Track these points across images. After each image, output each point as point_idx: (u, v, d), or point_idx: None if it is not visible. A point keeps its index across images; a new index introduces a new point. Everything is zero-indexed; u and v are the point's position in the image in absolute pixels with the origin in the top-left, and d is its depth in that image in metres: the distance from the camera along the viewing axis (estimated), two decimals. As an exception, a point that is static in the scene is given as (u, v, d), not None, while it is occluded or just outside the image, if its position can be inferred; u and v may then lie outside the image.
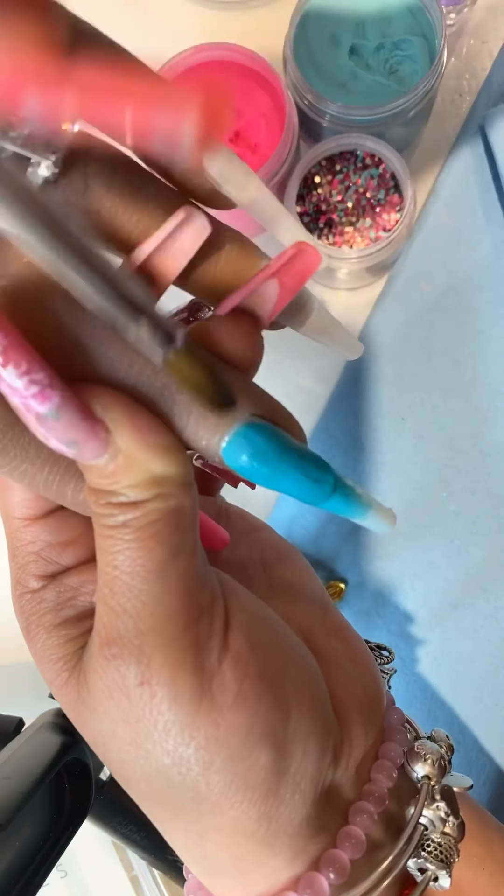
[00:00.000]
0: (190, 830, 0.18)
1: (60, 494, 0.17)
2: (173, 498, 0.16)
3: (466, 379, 0.46)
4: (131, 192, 0.16)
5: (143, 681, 0.16)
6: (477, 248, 0.45)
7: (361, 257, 0.41)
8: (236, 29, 0.48)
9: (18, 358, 0.13)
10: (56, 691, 0.18)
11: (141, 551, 0.16)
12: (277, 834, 0.18)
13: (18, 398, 0.13)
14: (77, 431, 0.14)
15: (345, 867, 0.18)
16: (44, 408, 0.13)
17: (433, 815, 0.20)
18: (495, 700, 0.46)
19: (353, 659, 0.22)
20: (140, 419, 0.15)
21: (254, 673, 0.17)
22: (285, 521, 0.49)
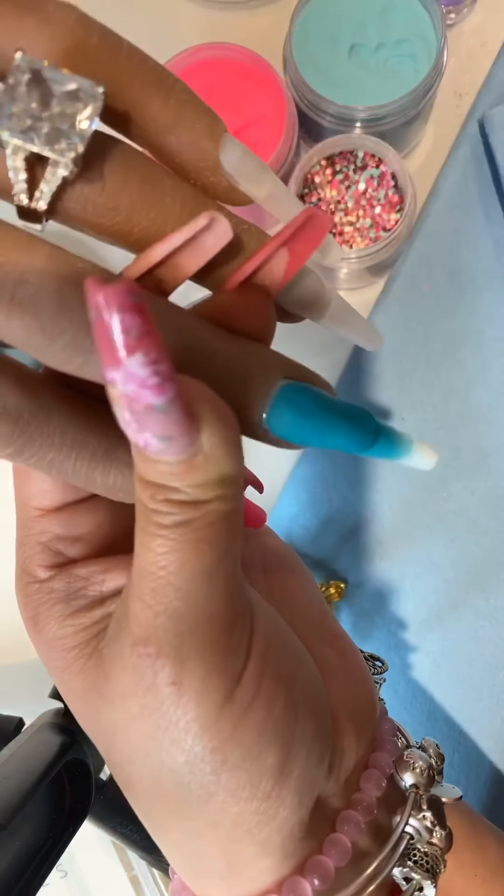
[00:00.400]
0: (186, 829, 0.18)
1: (89, 480, 0.17)
2: (232, 500, 0.15)
3: (466, 379, 0.46)
4: (149, 189, 0.16)
5: (174, 680, 0.16)
6: (477, 248, 0.45)
7: (361, 257, 0.41)
8: (236, 29, 0.48)
9: (150, 346, 0.12)
10: (67, 678, 0.18)
11: (192, 553, 0.15)
12: (272, 834, 0.18)
13: (134, 386, 0.12)
14: (177, 427, 0.13)
15: (329, 874, 0.18)
16: (157, 400, 0.12)
17: (419, 825, 0.20)
18: (495, 700, 0.46)
19: (347, 670, 0.22)
20: (226, 415, 0.15)
21: (271, 673, 0.17)
22: (285, 520, 0.49)
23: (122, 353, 0.12)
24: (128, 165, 0.16)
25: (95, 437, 0.16)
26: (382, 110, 0.39)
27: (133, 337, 0.12)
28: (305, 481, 0.48)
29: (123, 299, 0.11)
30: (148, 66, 0.16)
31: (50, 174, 0.15)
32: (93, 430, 0.16)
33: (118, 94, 0.16)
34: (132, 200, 0.16)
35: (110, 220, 0.16)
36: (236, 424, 0.15)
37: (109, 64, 0.16)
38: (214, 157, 0.17)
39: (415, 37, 0.41)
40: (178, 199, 0.16)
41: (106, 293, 0.11)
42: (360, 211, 0.43)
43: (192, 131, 0.17)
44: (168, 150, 0.17)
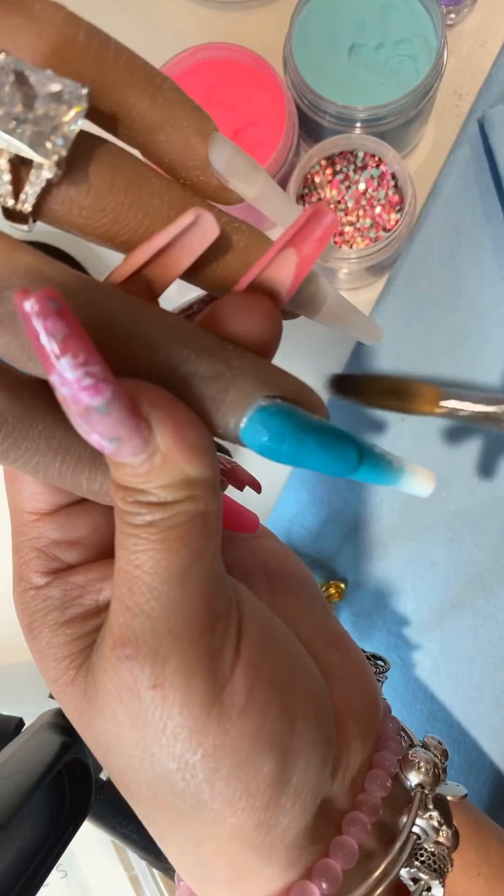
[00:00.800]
0: (187, 837, 0.17)
1: (75, 484, 0.17)
2: (202, 501, 0.15)
3: (466, 379, 0.46)
4: (136, 191, 0.16)
5: (155, 684, 0.16)
6: (477, 248, 0.45)
7: (361, 257, 0.41)
8: (236, 29, 0.48)
9: (77, 348, 0.12)
10: (60, 690, 0.18)
11: (165, 552, 0.15)
12: (274, 843, 0.17)
13: (69, 389, 0.12)
14: (123, 428, 0.14)
15: (337, 877, 0.18)
16: (94, 401, 0.13)
17: (426, 825, 0.20)
18: (495, 700, 0.46)
19: (351, 670, 0.22)
20: (181, 417, 0.15)
21: (263, 680, 0.17)
22: (285, 521, 0.49)
23: (52, 357, 0.12)
24: (114, 166, 0.16)
25: (81, 442, 0.16)
26: (382, 110, 0.39)
27: (59, 340, 0.12)
28: (305, 481, 0.48)
29: (43, 306, 0.12)
30: (136, 65, 0.16)
31: (34, 176, 0.15)
32: (79, 436, 0.16)
33: (105, 92, 0.16)
34: (119, 202, 0.16)
35: (97, 221, 0.16)
36: (198, 427, 0.15)
37: (96, 62, 0.15)
38: (203, 156, 0.17)
39: (415, 37, 0.41)
40: (165, 200, 0.16)
41: (28, 302, 0.11)
42: (360, 211, 0.43)
43: (180, 130, 0.16)
44: (157, 150, 0.17)
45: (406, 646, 0.48)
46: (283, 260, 0.17)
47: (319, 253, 0.17)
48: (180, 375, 0.16)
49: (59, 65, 0.15)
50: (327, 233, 0.17)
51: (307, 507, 0.48)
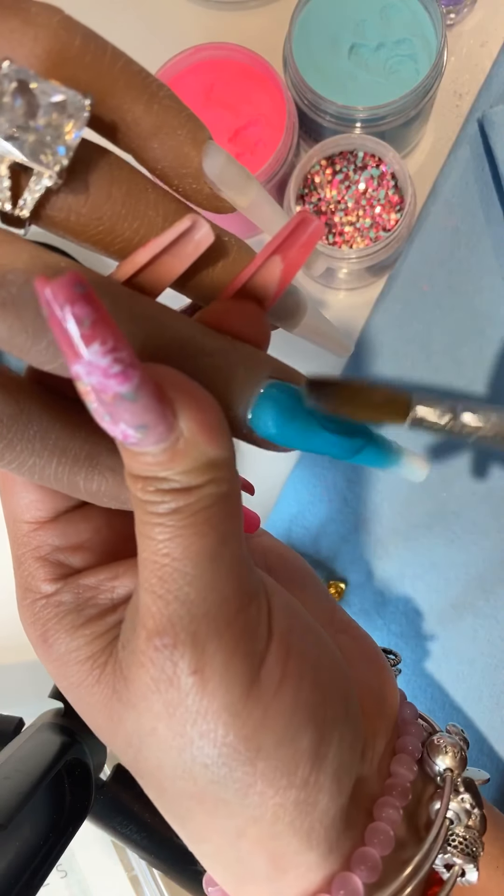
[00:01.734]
0: (227, 829, 0.17)
1: (72, 486, 0.17)
2: (225, 483, 0.15)
3: (466, 379, 0.46)
4: (133, 201, 0.16)
5: (196, 669, 0.16)
6: (477, 248, 0.45)
7: (361, 257, 0.41)
8: (236, 29, 0.48)
9: (106, 334, 0.12)
10: (85, 692, 0.17)
11: (194, 537, 0.15)
12: (314, 825, 0.17)
13: (97, 378, 0.12)
14: (150, 415, 0.13)
15: (377, 865, 0.18)
16: (123, 388, 0.12)
17: (458, 808, 0.20)
18: (495, 700, 0.46)
19: (364, 654, 0.22)
20: (202, 398, 0.15)
21: (295, 654, 0.17)
22: (285, 521, 0.49)
23: (79, 345, 0.12)
24: (112, 176, 0.16)
25: (78, 443, 0.16)
26: (382, 110, 0.39)
27: (87, 327, 0.11)
28: (305, 481, 0.48)
29: (70, 291, 0.11)
30: (132, 71, 0.16)
31: (34, 183, 0.15)
32: (75, 435, 0.16)
33: (101, 98, 0.16)
34: (115, 211, 0.16)
35: (93, 229, 0.16)
36: (216, 408, 0.15)
37: (92, 67, 0.15)
38: (196, 164, 0.17)
39: (415, 37, 0.41)
40: (160, 212, 0.16)
41: (53, 287, 0.11)
42: (360, 211, 0.43)
43: (174, 137, 0.16)
44: (150, 156, 0.17)
45: (406, 646, 0.48)
46: (270, 266, 0.17)
47: (305, 259, 0.18)
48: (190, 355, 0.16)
49: (54, 69, 0.15)
50: (312, 240, 0.18)
51: (307, 507, 0.48)
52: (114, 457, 0.17)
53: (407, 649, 0.48)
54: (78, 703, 0.18)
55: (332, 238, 0.43)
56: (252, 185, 0.18)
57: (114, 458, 0.17)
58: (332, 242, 0.43)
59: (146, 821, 0.38)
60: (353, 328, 0.48)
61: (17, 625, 0.19)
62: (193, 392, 0.15)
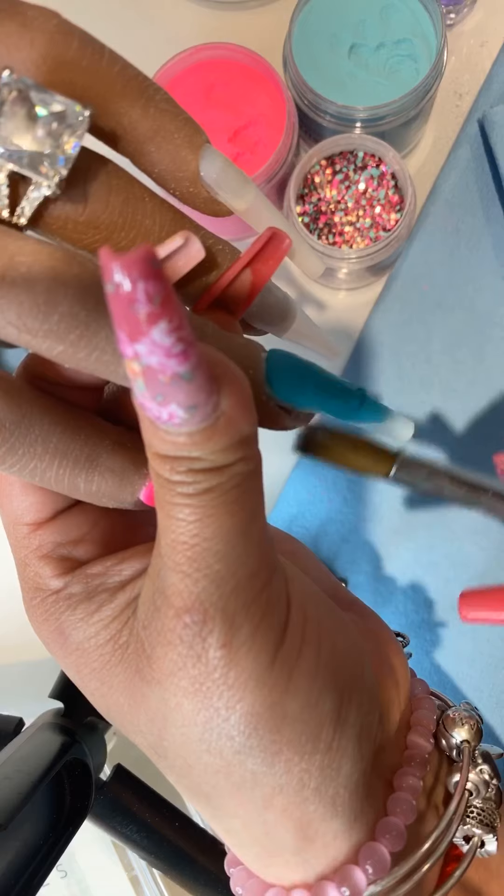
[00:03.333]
0: (254, 800, 0.17)
1: (72, 487, 0.17)
2: (252, 460, 0.15)
3: (466, 379, 0.46)
4: (130, 210, 0.16)
5: (224, 643, 0.16)
6: (477, 248, 0.45)
7: (361, 257, 0.41)
8: (236, 29, 0.48)
9: (172, 313, 0.11)
10: (106, 675, 0.17)
11: (225, 517, 0.15)
12: (339, 790, 0.17)
13: (159, 357, 0.12)
14: (202, 394, 0.13)
15: (401, 833, 0.18)
16: (183, 367, 0.12)
17: (477, 780, 0.20)
18: (495, 700, 0.46)
19: (372, 630, 0.22)
20: (241, 376, 0.15)
21: (313, 619, 0.18)
22: (285, 520, 0.49)
23: (145, 323, 0.11)
24: (110, 185, 0.16)
25: (78, 445, 0.16)
26: (382, 110, 0.39)
27: (157, 305, 0.11)
28: (305, 481, 0.48)
29: (145, 266, 0.11)
30: (129, 75, 0.16)
31: (32, 192, 0.15)
32: (75, 438, 0.16)
33: (97, 102, 0.16)
34: (113, 221, 0.16)
35: (90, 238, 0.16)
36: (248, 384, 0.15)
37: (89, 71, 0.15)
38: (194, 168, 0.17)
39: (415, 37, 0.41)
40: (157, 221, 0.17)
41: (125, 261, 0.11)
42: (360, 211, 0.43)
43: (171, 141, 0.17)
44: (147, 160, 0.17)
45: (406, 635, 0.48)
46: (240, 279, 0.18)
47: (272, 272, 0.18)
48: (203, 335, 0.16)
49: (51, 73, 0.15)
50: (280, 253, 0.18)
51: (307, 507, 0.48)
52: (114, 457, 0.17)
53: (406, 649, 0.48)
54: (99, 688, 0.18)
55: (332, 238, 0.43)
56: (249, 188, 0.18)
57: (113, 458, 0.17)
58: (332, 242, 0.43)
59: (146, 821, 0.38)
60: (353, 328, 0.48)
61: (17, 625, 0.19)
62: (233, 369, 0.15)
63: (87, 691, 0.18)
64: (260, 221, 0.19)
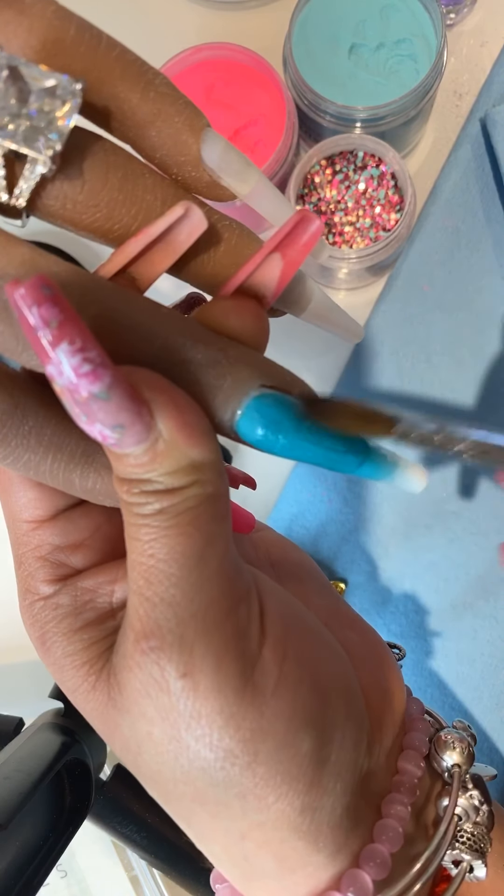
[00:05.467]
0: (231, 831, 0.17)
1: (67, 482, 0.17)
2: (210, 484, 0.15)
3: (466, 379, 0.46)
4: (130, 186, 0.16)
5: (185, 672, 0.15)
6: (477, 248, 0.45)
7: (361, 257, 0.41)
8: (236, 29, 0.48)
9: (73, 334, 0.12)
10: (82, 698, 0.17)
11: (179, 538, 0.15)
12: (321, 827, 0.17)
13: (68, 378, 0.12)
14: (125, 414, 0.13)
15: (386, 862, 0.18)
16: (95, 387, 0.12)
17: (467, 804, 0.20)
18: (495, 700, 0.46)
19: (370, 650, 0.21)
20: (181, 400, 0.15)
21: (292, 656, 0.17)
22: (285, 521, 0.49)
23: (47, 346, 0.12)
24: (108, 162, 0.16)
25: (74, 440, 0.16)
26: (382, 110, 0.39)
27: (54, 328, 0.12)
28: (306, 481, 0.48)
29: (36, 293, 0.11)
30: (127, 60, 0.16)
31: (28, 171, 0.15)
32: (71, 432, 0.16)
33: (97, 87, 0.16)
34: (113, 197, 0.16)
35: (91, 216, 0.16)
36: (196, 409, 0.15)
37: (87, 57, 0.15)
38: (195, 152, 0.17)
39: (415, 37, 0.41)
40: (158, 196, 0.16)
41: (19, 290, 0.11)
42: (360, 211, 0.43)
43: (171, 125, 0.16)
44: (148, 145, 0.17)
45: (405, 646, 0.48)
46: (269, 264, 0.17)
47: (304, 257, 0.18)
48: (177, 362, 0.15)
49: (49, 59, 0.15)
50: (313, 238, 0.18)
51: (307, 507, 0.48)
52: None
53: (406, 649, 0.48)
54: (77, 707, 0.18)
55: (332, 238, 0.43)
56: (252, 171, 0.17)
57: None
58: (332, 242, 0.43)
59: (146, 821, 0.38)
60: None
61: (18, 625, 0.19)
62: (171, 393, 0.14)
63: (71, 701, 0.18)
64: (264, 205, 0.19)
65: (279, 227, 0.18)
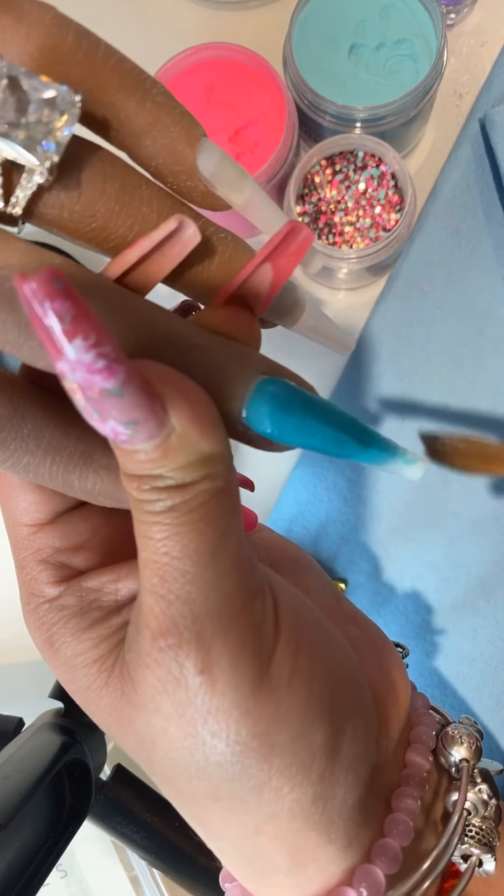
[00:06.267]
0: (244, 826, 0.17)
1: (66, 484, 0.17)
2: (221, 478, 0.15)
3: (466, 379, 0.46)
4: (126, 197, 0.16)
5: (202, 668, 0.15)
6: (477, 248, 0.45)
7: (361, 257, 0.41)
8: (236, 29, 0.48)
9: (88, 329, 0.11)
10: (94, 695, 0.17)
11: (192, 535, 0.15)
12: (333, 818, 0.17)
13: (81, 374, 0.12)
14: (139, 410, 0.13)
15: (397, 856, 0.18)
16: (109, 383, 0.12)
17: (476, 799, 0.20)
18: (495, 700, 0.46)
19: (373, 644, 0.22)
20: (192, 392, 0.14)
21: (305, 648, 0.17)
22: (285, 521, 0.49)
23: (61, 341, 0.11)
24: (105, 172, 0.16)
25: (72, 441, 0.16)
26: (382, 110, 0.39)
27: (68, 322, 0.11)
28: (305, 481, 0.48)
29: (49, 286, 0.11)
30: (125, 68, 0.16)
31: (25, 181, 0.15)
32: (69, 434, 0.16)
33: (94, 95, 0.16)
34: (109, 208, 0.16)
35: (87, 226, 0.16)
36: (208, 401, 0.15)
37: (85, 65, 0.15)
38: (191, 162, 0.17)
39: (415, 37, 0.41)
40: (154, 208, 0.16)
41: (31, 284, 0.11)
42: (360, 211, 0.43)
43: (167, 134, 0.16)
44: (144, 153, 0.17)
45: (406, 646, 0.48)
46: (260, 273, 0.17)
47: (294, 267, 0.18)
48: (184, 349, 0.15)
49: (47, 66, 0.15)
50: (302, 248, 0.18)
51: (307, 507, 0.48)
52: (109, 455, 0.17)
53: (406, 650, 0.48)
54: (87, 706, 0.18)
55: (332, 238, 0.43)
56: (247, 182, 0.17)
57: (109, 456, 0.17)
58: (332, 242, 0.43)
59: (146, 821, 0.38)
60: (353, 328, 0.48)
61: (18, 625, 0.19)
62: (183, 386, 0.14)
63: (77, 703, 0.18)
64: (258, 216, 0.19)
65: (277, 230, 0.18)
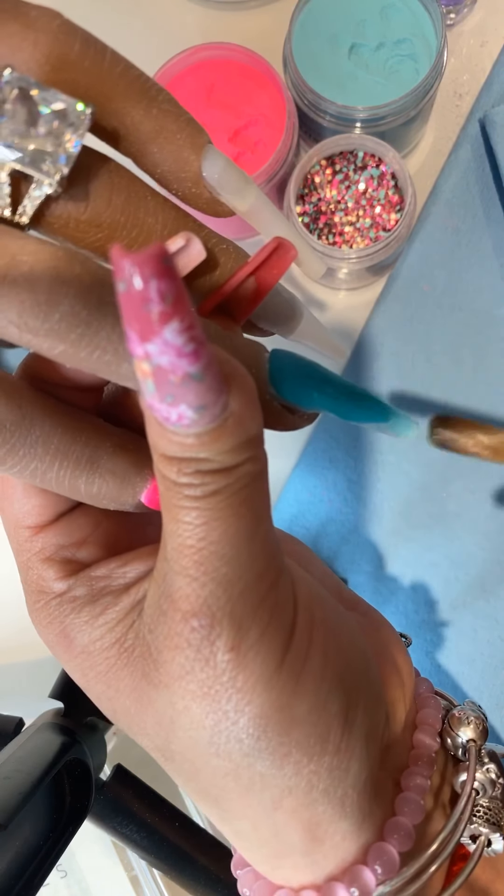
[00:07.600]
0: (262, 802, 0.17)
1: (73, 489, 0.17)
2: (259, 460, 0.15)
3: (466, 379, 0.46)
4: (132, 209, 0.16)
5: (233, 646, 0.16)
6: (477, 248, 0.45)
7: (361, 257, 0.41)
8: (236, 29, 0.48)
9: (184, 312, 0.11)
10: (112, 678, 0.17)
11: (232, 519, 0.15)
12: (347, 791, 0.17)
13: (170, 357, 0.12)
14: (212, 394, 0.13)
15: (410, 834, 0.18)
16: (193, 368, 0.12)
17: (484, 778, 0.20)
18: (495, 700, 0.46)
19: (377, 629, 0.22)
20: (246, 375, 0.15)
21: (319, 621, 0.18)
22: (285, 521, 0.49)
23: (157, 322, 0.11)
24: (112, 184, 0.16)
25: (79, 447, 0.16)
26: (382, 110, 0.39)
27: (169, 304, 0.11)
28: (305, 481, 0.48)
29: (158, 264, 0.10)
30: (131, 75, 0.16)
31: (34, 191, 0.15)
32: (76, 439, 0.16)
33: (100, 102, 0.16)
34: (115, 219, 0.16)
35: (93, 236, 0.16)
36: (254, 383, 0.15)
37: (92, 72, 0.15)
38: (196, 169, 0.17)
39: (415, 37, 0.41)
40: (160, 220, 0.17)
41: (137, 259, 0.10)
42: (360, 211, 0.43)
43: (173, 142, 0.17)
44: (150, 160, 0.17)
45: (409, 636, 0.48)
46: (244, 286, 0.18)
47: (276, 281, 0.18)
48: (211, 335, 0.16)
49: (53, 73, 0.15)
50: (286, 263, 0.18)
51: (307, 507, 0.48)
52: (114, 459, 0.17)
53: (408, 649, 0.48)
54: (106, 691, 0.18)
55: (332, 238, 0.43)
56: (251, 189, 0.18)
57: (114, 460, 0.17)
58: (332, 242, 0.43)
59: (146, 821, 0.38)
60: (353, 328, 0.48)
61: (18, 625, 0.19)
62: (240, 369, 0.15)
63: (92, 695, 0.18)
64: (261, 222, 0.19)
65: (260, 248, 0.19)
